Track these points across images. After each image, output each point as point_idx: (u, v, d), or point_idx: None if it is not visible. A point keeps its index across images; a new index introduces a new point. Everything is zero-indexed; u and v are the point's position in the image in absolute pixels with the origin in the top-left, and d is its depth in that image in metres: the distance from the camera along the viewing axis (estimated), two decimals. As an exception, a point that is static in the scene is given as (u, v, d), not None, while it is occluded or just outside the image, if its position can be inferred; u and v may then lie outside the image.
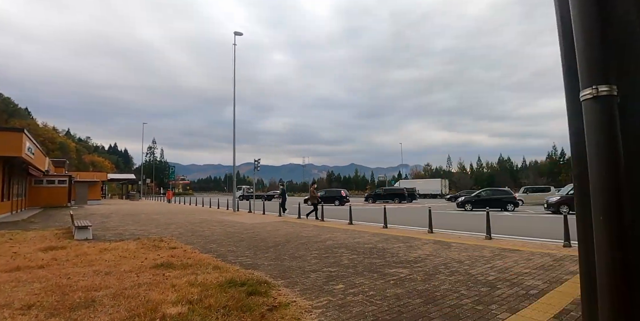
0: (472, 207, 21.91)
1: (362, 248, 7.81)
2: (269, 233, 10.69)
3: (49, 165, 26.30)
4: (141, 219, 16.24)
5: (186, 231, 11.37)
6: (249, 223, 14.19)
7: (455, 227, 12.48)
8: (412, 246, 8.00)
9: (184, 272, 5.46)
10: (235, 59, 21.68)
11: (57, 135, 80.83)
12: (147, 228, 12.31)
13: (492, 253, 7.10)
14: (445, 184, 61.77)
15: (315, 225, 13.01)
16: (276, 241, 9.09)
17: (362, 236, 9.89)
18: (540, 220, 15.51)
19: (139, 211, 21.80)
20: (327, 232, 10.85)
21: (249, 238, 9.75)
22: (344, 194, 32.03)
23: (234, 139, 21.47)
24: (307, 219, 15.49)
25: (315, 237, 9.71)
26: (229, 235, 10.31)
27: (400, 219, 16.08)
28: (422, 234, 10.10)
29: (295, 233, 10.75)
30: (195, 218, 16.53)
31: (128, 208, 26.67)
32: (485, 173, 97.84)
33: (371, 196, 39.35)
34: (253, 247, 8.15)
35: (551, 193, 29.80)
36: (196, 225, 13.28)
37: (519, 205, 22.09)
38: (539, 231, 11.28)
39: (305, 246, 8.16)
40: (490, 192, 22.95)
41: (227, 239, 9.43)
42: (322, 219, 14.79)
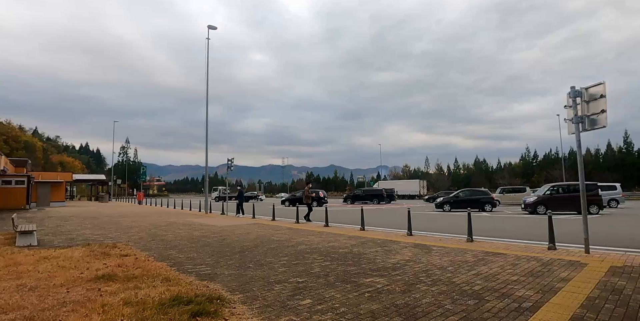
0: (451, 208, 21.69)
1: (336, 253, 7.15)
2: (238, 237, 9.90)
3: (6, 164, 24.47)
4: (103, 222, 15.08)
5: (147, 236, 10.43)
6: (219, 225, 13.32)
7: (434, 229, 12.03)
8: (390, 251, 7.41)
9: (125, 286, 4.65)
10: (209, 55, 20.71)
11: (21, 133, 76.70)
12: (105, 232, 11.28)
13: (475, 258, 6.58)
14: (424, 185, 62.13)
15: (289, 228, 12.29)
16: (244, 246, 8.32)
17: (338, 239, 9.25)
18: (519, 221, 15.31)
19: (103, 214, 20.47)
20: (300, 235, 10.15)
21: (215, 242, 8.93)
22: (322, 195, 31.40)
23: (207, 138, 20.50)
24: (296, 223, 14.75)
25: (287, 241, 8.99)
26: (194, 240, 9.46)
27: (378, 220, 15.58)
28: (401, 237, 9.55)
29: (267, 236, 10.00)
30: (162, 221, 15.50)
31: (93, 210, 25.15)
32: (462, 174, 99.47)
33: (350, 197, 38.92)
34: (217, 253, 7.37)
35: (527, 193, 30.11)
36: (160, 229, 12.32)
37: (496, 205, 22.04)
38: (519, 233, 10.95)
39: (274, 252, 7.44)
40: (468, 193, 22.83)
41: (190, 245, 8.59)
42: (297, 222, 14.07)
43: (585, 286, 4.64)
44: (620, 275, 5.18)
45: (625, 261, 6.19)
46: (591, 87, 7.28)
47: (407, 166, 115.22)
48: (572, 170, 65.31)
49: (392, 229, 11.62)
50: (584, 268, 5.69)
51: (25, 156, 65.81)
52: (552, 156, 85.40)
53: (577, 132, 7.29)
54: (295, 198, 32.22)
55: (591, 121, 7.22)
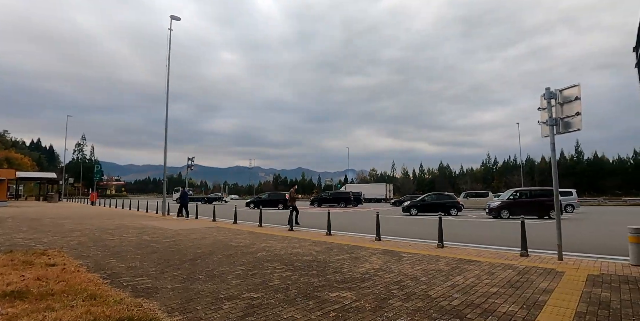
0: (418, 211, 21.60)
1: (299, 261, 6.48)
2: (193, 242, 8.99)
3: None
4: (42, 224, 13.55)
5: (89, 240, 9.28)
6: (174, 229, 12.27)
7: (403, 233, 11.64)
8: (358, 258, 6.83)
9: (35, 307, 3.74)
10: (171, 47, 19.54)
11: (-39, 127, 70.24)
12: (41, 236, 9.98)
13: (448, 266, 6.13)
14: (390, 188, 62.84)
15: (250, 232, 11.47)
16: (197, 252, 7.46)
17: (302, 245, 8.57)
18: (485, 225, 15.30)
19: (46, 215, 18.64)
20: (262, 240, 9.38)
21: (165, 248, 8.00)
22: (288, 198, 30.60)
23: (166, 135, 19.22)
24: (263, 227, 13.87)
25: (246, 247, 8.21)
26: (141, 245, 8.46)
27: (346, 224, 15.06)
28: (369, 243, 9.02)
29: (225, 241, 9.16)
30: (111, 224, 14.18)
31: (36, 211, 22.98)
32: (426, 179, 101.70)
33: (317, 199, 38.31)
34: (164, 261, 6.49)
35: (489, 198, 30.80)
36: (107, 232, 11.12)
37: (461, 210, 22.20)
38: (488, 238, 10.76)
39: (230, 260, 6.65)
40: (435, 197, 22.88)
41: (135, 251, 7.62)
42: (260, 225, 13.26)
43: (570, 298, 4.24)
44: (601, 285, 4.87)
45: (600, 269, 5.95)
46: (566, 89, 7.10)
47: (374, 170, 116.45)
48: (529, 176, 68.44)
49: (359, 234, 11.09)
50: (562, 277, 5.36)
51: (-36, 151, 60.29)
52: (510, 163, 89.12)
53: (551, 135, 7.06)
54: (261, 200, 31.22)
55: (565, 123, 7.02)
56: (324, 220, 14.88)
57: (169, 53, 19.33)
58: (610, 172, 68.93)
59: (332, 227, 10.93)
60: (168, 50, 19.29)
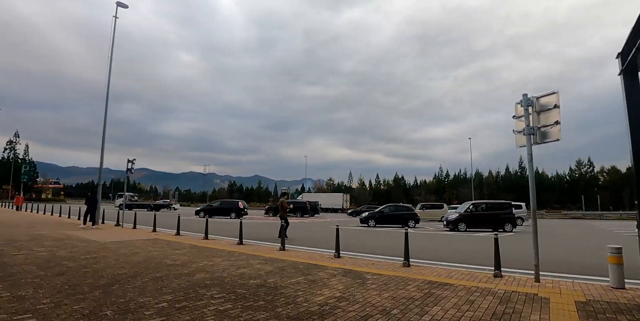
0: (376, 223, 21.00)
1: (244, 287, 5.32)
2: (118, 259, 7.49)
3: None
4: None
5: (-17, 256, 7.48)
6: (102, 241, 10.53)
7: (363, 248, 10.76)
8: (315, 282, 5.79)
9: None
10: (114, 36, 17.61)
11: None
12: None
13: (420, 291, 5.27)
14: (347, 198, 62.56)
15: (193, 246, 10.04)
16: (118, 274, 6.04)
17: (251, 263, 7.38)
18: (446, 239, 14.87)
19: (-51, 222, 15.81)
20: (204, 257, 8.06)
21: (79, 268, 6.48)
22: (242, 206, 28.96)
23: (104, 134, 17.16)
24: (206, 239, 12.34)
25: (182, 266, 6.89)
26: (50, 263, 6.85)
27: (301, 236, 13.97)
28: (327, 260, 8.01)
29: (158, 258, 7.73)
30: (29, 233, 12.06)
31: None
32: (382, 189, 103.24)
33: (272, 209, 36.88)
34: (69, 288, 5.06)
35: (444, 209, 31.13)
36: (16, 244, 9.21)
37: (419, 222, 21.92)
38: (453, 254, 10.15)
39: (158, 285, 5.35)
40: (393, 208, 22.46)
41: (37, 272, 6.05)
42: (206, 237, 11.82)
43: (572, 340, 3.49)
44: (596, 317, 4.20)
45: (584, 293, 5.36)
46: (543, 96, 6.63)
47: (331, 180, 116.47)
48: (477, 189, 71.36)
49: (317, 250, 10.05)
50: (548, 305, 4.66)
51: None
52: (461, 176, 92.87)
53: (528, 145, 6.52)
54: (212, 209, 29.32)
55: (542, 134, 6.52)
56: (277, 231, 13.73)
57: (112, 42, 17.43)
58: (549, 187, 73.60)
59: (287, 240, 9.81)
60: (112, 39, 17.40)
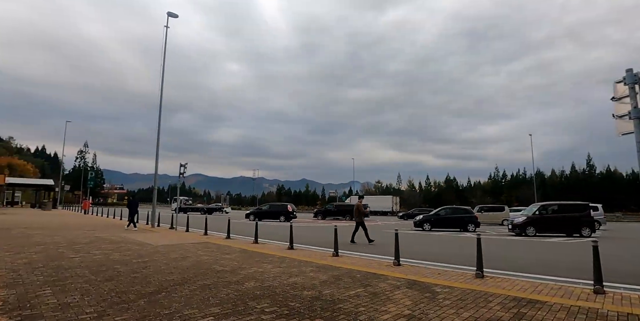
0: (432, 227, 19.71)
1: (298, 300, 4.73)
2: (168, 264, 7.26)
3: None
4: (7, 236, 11.89)
5: (44, 258, 7.61)
6: (155, 244, 10.54)
7: (423, 254, 9.81)
8: (377, 295, 5.06)
9: None
10: (166, 44, 18.19)
11: (-37, 132, 69.47)
12: (20, 250, 8.32)
13: (507, 311, 4.34)
14: (396, 201, 60.74)
15: (242, 250, 9.70)
16: (166, 281, 5.73)
17: (303, 271, 6.80)
18: (514, 245, 13.40)
19: (23, 224, 16.99)
20: (253, 262, 7.62)
21: (128, 273, 6.28)
22: (291, 209, 28.77)
23: (158, 141, 17.67)
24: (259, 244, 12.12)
25: (232, 272, 6.46)
26: (102, 268, 6.75)
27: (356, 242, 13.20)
28: (386, 268, 7.23)
29: (208, 263, 7.41)
30: (88, 236, 12.49)
31: (17, 219, 21.36)
32: (433, 192, 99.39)
33: (321, 212, 36.46)
34: (115, 295, 4.78)
35: (505, 212, 28.82)
36: (74, 247, 9.42)
37: (479, 225, 20.27)
38: (531, 263, 8.90)
39: (206, 294, 4.92)
40: (450, 211, 20.98)
41: (88, 277, 5.91)
42: (255, 241, 11.49)
43: None
44: None
45: None
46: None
47: (379, 182, 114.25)
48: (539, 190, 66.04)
49: (374, 256, 9.27)
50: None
51: (-36, 156, 59.31)
52: (520, 177, 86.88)
53: (637, 131, 5.32)
54: (262, 212, 29.45)
55: (653, 117, 5.30)
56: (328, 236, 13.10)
57: (164, 51, 17.99)
58: (624, 187, 66.40)
59: (339, 245, 9.14)
60: (164, 48, 17.95)
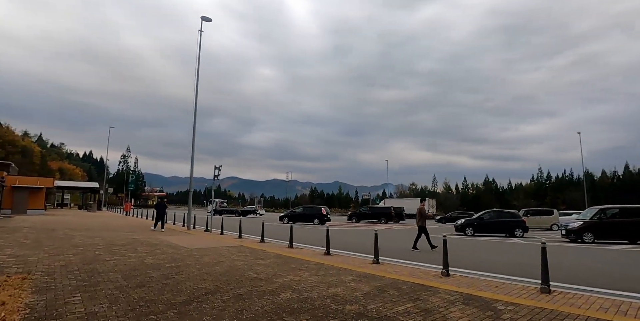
0: (475, 231, 18.56)
1: (340, 315, 4.19)
2: (200, 269, 6.96)
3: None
4: (51, 237, 12.21)
5: (80, 261, 7.55)
6: (189, 248, 10.37)
7: (471, 262, 8.99)
8: (430, 312, 4.43)
9: None
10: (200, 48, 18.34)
11: (18, 138, 74.74)
12: (31, 253, 8.42)
13: (594, 338, 3.59)
14: (433, 204, 58.70)
15: (277, 255, 9.31)
16: (198, 289, 5.38)
17: (343, 280, 6.26)
18: (572, 253, 12.17)
19: (67, 226, 17.59)
20: (289, 269, 7.18)
21: (160, 279, 6.01)
22: (325, 212, 28.29)
23: (193, 143, 17.78)
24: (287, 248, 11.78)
25: (267, 281, 6.04)
26: (135, 272, 6.55)
27: (393, 246, 12.50)
28: (435, 279, 6.54)
29: (241, 269, 7.04)
30: (126, 238, 12.59)
31: (63, 220, 22.28)
32: (471, 194, 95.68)
33: (355, 214, 35.80)
34: (144, 304, 4.46)
35: (554, 216, 26.86)
36: (111, 249, 9.41)
37: (528, 230, 18.86)
38: (593, 272, 7.86)
39: (238, 305, 4.51)
40: (495, 214, 19.67)
41: (120, 282, 5.68)
42: (290, 245, 11.08)
43: None
44: None
45: None
46: None
47: (413, 184, 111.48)
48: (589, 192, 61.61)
49: (418, 264, 8.58)
50: None
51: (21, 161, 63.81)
52: (566, 178, 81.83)
53: None
54: (295, 214, 29.19)
55: None
56: (365, 240, 12.53)
57: (198, 55, 18.13)
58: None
59: (379, 252, 8.51)
60: (198, 52, 18.10)
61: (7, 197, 27.65)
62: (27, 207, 28.50)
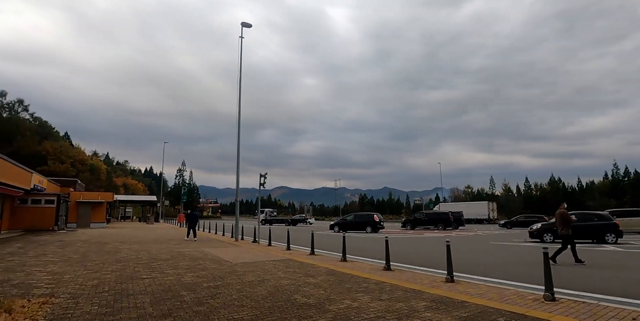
0: (555, 238, 16.06)
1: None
2: (241, 290, 5.94)
3: (41, 183, 23.19)
4: (99, 250, 11.99)
5: (114, 279, 6.89)
6: (232, 262, 9.49)
7: (577, 281, 7.16)
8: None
9: None
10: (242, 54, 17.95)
11: (87, 157, 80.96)
12: (69, 270, 7.96)
13: None
14: (493, 207, 54.43)
15: (329, 271, 8.10)
16: (234, 319, 4.33)
17: (415, 308, 4.90)
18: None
19: (120, 238, 17.71)
20: (345, 291, 5.94)
21: (193, 304, 5.05)
22: (377, 219, 26.63)
23: (238, 153, 17.26)
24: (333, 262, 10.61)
25: (318, 308, 4.85)
26: (167, 294, 5.68)
27: (464, 258, 10.75)
28: (535, 304, 4.97)
29: (288, 291, 5.92)
30: (171, 251, 12.07)
31: (119, 233, 22.78)
32: (534, 195, 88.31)
33: (409, 221, 33.67)
34: (162, 345, 3.46)
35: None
36: (150, 266, 8.77)
37: (622, 235, 16.02)
38: None
39: (281, 349, 3.36)
40: (580, 217, 16.87)
41: (146, 308, 4.80)
42: (344, 258, 9.82)
43: None
44: None
45: None
46: None
47: (469, 187, 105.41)
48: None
49: (501, 282, 6.96)
50: None
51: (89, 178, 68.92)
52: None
53: None
54: (346, 222, 27.85)
55: None
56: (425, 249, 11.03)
57: (240, 61, 17.72)
58: None
59: (452, 267, 6.98)
60: (239, 58, 17.70)
61: (73, 211, 29.19)
62: (90, 221, 29.90)
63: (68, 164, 66.02)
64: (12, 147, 60.23)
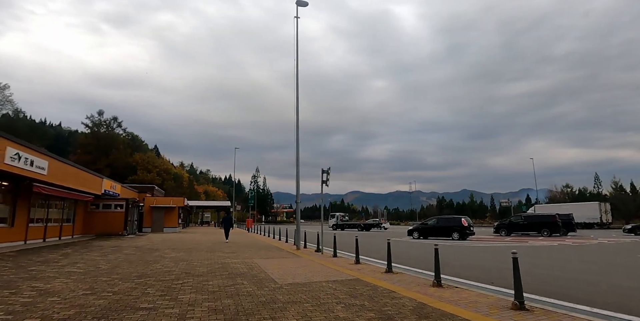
0: None
1: None
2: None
3: (113, 188, 23.48)
4: (138, 260, 10.35)
5: (98, 311, 4.76)
6: (278, 283, 6.93)
7: None
8: None
9: None
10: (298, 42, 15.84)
11: (171, 166, 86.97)
12: (64, 289, 6.10)
13: None
14: (606, 209, 45.53)
15: (418, 305, 5.11)
16: None
17: None
18: None
19: (176, 245, 16.38)
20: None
21: None
22: (466, 224, 22.43)
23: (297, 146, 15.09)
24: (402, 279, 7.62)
25: None
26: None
27: (602, 282, 6.91)
28: None
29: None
30: (214, 262, 10.01)
31: (182, 238, 21.90)
32: (658, 195, 73.36)
33: (504, 225, 28.60)
34: None
35: None
36: (171, 285, 6.61)
37: None
38: None
39: None
40: None
41: None
42: (437, 281, 6.69)
43: None
44: None
45: None
46: None
47: (568, 186, 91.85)
48: None
49: None
50: None
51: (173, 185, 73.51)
52: None
53: None
54: (427, 227, 24.09)
55: None
56: (541, 267, 7.47)
57: (296, 43, 15.57)
58: None
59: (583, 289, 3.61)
60: (295, 38, 15.54)
61: (147, 216, 29.72)
62: (163, 225, 30.21)
63: (154, 173, 71.23)
64: (108, 160, 66.80)
